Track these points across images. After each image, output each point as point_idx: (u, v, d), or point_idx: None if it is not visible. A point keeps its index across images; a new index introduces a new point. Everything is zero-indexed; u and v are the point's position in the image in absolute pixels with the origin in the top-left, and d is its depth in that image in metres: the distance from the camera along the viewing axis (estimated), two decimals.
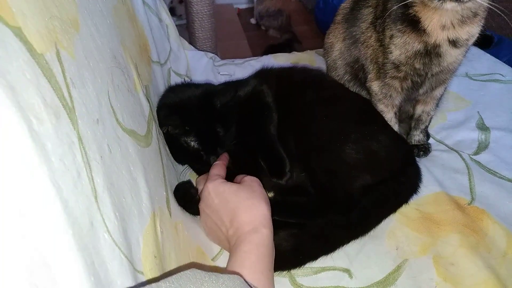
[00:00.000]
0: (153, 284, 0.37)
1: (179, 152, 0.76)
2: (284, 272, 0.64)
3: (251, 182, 0.66)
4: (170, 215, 0.58)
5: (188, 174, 0.80)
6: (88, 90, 0.42)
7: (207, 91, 0.79)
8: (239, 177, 0.70)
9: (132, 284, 0.40)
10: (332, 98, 0.83)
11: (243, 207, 0.61)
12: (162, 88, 0.86)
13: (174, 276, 0.40)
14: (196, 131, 0.73)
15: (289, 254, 0.64)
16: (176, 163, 0.79)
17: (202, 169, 0.78)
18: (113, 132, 0.46)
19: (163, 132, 0.73)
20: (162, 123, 0.71)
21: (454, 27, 0.70)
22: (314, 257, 0.65)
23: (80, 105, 0.39)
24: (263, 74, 0.88)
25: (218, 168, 0.70)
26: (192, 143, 0.73)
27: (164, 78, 0.92)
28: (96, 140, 0.40)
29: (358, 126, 0.76)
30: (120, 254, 0.39)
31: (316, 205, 0.70)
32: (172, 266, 0.53)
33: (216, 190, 0.64)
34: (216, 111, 0.75)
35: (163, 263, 0.51)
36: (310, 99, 0.80)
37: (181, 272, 0.40)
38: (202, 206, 0.66)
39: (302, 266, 0.64)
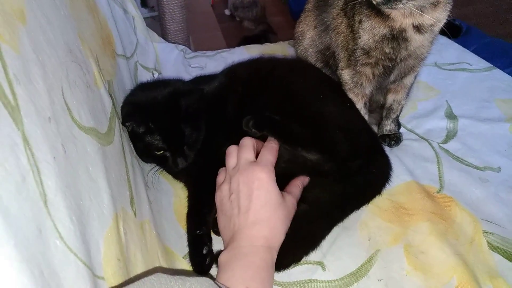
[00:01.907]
0: None
1: (145, 152, 0.73)
2: None
3: (293, 208, 0.63)
4: (135, 215, 0.55)
5: (158, 173, 0.77)
6: (37, 86, 0.39)
7: (175, 90, 0.77)
8: (294, 183, 0.68)
9: None
10: (304, 72, 0.84)
11: (272, 221, 0.59)
12: (128, 83, 0.83)
13: (136, 283, 0.38)
14: (161, 130, 0.70)
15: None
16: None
17: (170, 169, 0.75)
18: (68, 131, 0.43)
19: (127, 131, 0.70)
20: (124, 120, 0.69)
21: (414, 15, 0.70)
22: (298, 259, 0.63)
23: (26, 102, 0.36)
24: (232, 69, 0.87)
25: (274, 154, 0.65)
26: (156, 143, 0.70)
27: (130, 72, 0.89)
28: (47, 140, 0.38)
29: (331, 93, 0.79)
30: (77, 261, 0.37)
31: (305, 136, 0.70)
32: (139, 268, 0.52)
33: (268, 184, 0.60)
34: (183, 111, 0.73)
35: (128, 266, 0.49)
36: (282, 77, 0.79)
37: (145, 278, 0.39)
38: (238, 177, 0.61)
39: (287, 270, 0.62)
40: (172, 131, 0.72)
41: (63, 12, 0.53)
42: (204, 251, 0.63)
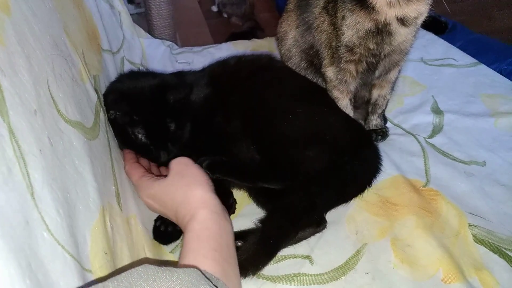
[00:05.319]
0: (99, 284, 0.35)
1: (126, 141, 0.71)
2: None
3: (179, 166, 0.63)
4: (121, 210, 0.55)
5: None
6: (23, 79, 0.39)
7: (163, 82, 0.75)
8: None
9: (79, 284, 0.38)
10: (278, 80, 0.83)
11: (178, 200, 0.58)
12: (114, 78, 0.82)
13: (123, 274, 0.38)
14: (145, 122, 0.69)
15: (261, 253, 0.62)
16: None
17: (153, 160, 0.74)
18: (54, 124, 0.43)
19: (109, 118, 0.68)
20: (108, 107, 0.67)
21: (400, 5, 0.70)
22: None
23: (12, 95, 0.36)
24: (217, 76, 0.85)
25: (136, 169, 0.67)
26: (140, 136, 0.69)
27: (116, 67, 0.88)
28: (34, 133, 0.38)
29: (305, 104, 0.77)
30: (64, 253, 0.37)
31: (261, 169, 0.70)
32: (125, 262, 0.51)
33: (150, 196, 0.63)
34: (169, 105, 0.72)
35: (115, 260, 0.49)
36: (255, 85, 0.79)
37: (132, 269, 0.38)
38: (151, 206, 0.64)
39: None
40: (156, 126, 0.71)
41: (48, 6, 0.53)
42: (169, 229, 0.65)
